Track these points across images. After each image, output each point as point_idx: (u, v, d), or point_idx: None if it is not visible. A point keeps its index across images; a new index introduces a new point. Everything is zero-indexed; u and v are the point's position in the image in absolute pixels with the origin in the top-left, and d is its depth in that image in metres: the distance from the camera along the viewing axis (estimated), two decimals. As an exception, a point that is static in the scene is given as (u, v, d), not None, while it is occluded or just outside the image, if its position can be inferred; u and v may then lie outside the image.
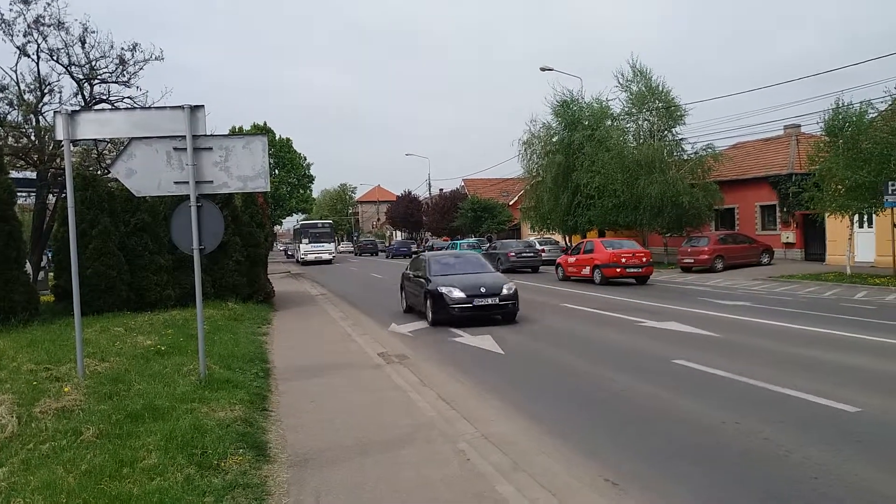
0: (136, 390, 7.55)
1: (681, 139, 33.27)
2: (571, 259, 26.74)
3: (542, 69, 36.46)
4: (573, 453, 6.12)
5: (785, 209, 31.90)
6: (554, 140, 36.97)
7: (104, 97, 20.04)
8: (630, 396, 8.04)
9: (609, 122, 34.46)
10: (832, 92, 48.93)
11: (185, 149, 8.10)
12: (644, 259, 24.38)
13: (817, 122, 22.79)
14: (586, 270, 25.23)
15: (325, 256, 52.34)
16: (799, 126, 34.33)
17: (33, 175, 19.62)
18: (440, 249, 39.47)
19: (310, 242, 52.92)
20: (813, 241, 30.81)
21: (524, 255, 33.47)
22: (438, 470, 5.52)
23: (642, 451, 6.12)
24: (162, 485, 4.75)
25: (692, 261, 28.77)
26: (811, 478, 5.27)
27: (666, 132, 33.00)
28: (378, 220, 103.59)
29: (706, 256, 28.38)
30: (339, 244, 71.14)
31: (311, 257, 51.70)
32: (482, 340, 12.37)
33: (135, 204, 16.14)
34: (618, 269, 24.03)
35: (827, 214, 23.78)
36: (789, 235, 32.06)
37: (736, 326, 13.22)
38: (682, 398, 7.81)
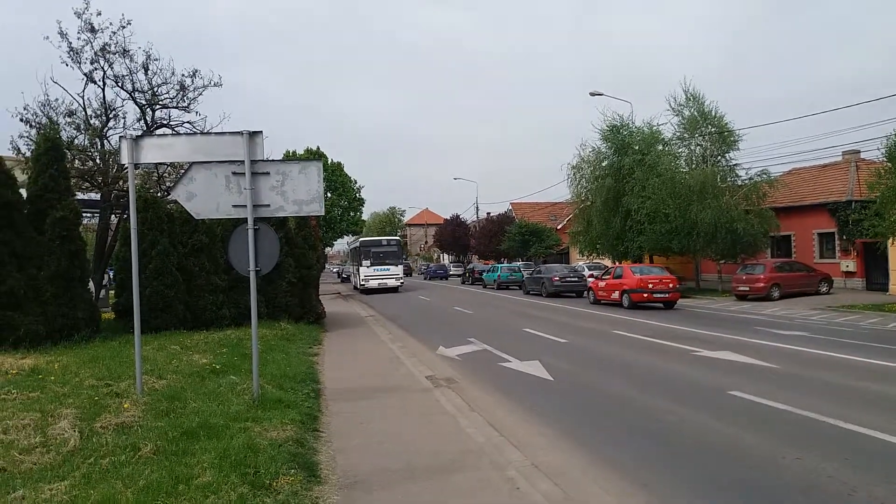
0: (192, 408, 7.72)
1: (734, 164, 32.61)
2: (602, 284, 27.83)
3: (592, 94, 36.35)
4: (626, 485, 6.00)
5: (844, 237, 30.89)
6: (604, 164, 36.68)
7: (165, 122, 20.82)
8: (684, 428, 7.85)
9: (660, 147, 34.06)
10: (893, 118, 47.46)
11: (244, 173, 8.33)
12: (670, 285, 25.47)
13: (878, 148, 22.16)
14: (615, 295, 26.35)
15: (392, 283, 42.39)
16: (858, 152, 33.35)
17: (97, 196, 20.43)
18: (480, 272, 51.55)
19: (371, 265, 42.68)
20: (875, 270, 29.72)
21: (568, 279, 34.23)
22: (488, 498, 5.49)
23: (698, 485, 5.96)
24: (216, 502, 4.83)
25: (747, 289, 28.03)
26: (877, 519, 5.06)
27: (719, 157, 32.42)
28: (426, 242, 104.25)
29: (762, 284, 27.62)
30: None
31: (373, 283, 41.97)
32: (530, 366, 12.27)
33: (193, 226, 16.61)
34: (645, 294, 25.20)
35: (889, 242, 22.97)
36: (849, 264, 31.00)
37: (794, 357, 12.81)
38: (739, 431, 7.59)
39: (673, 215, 30.26)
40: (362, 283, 42.76)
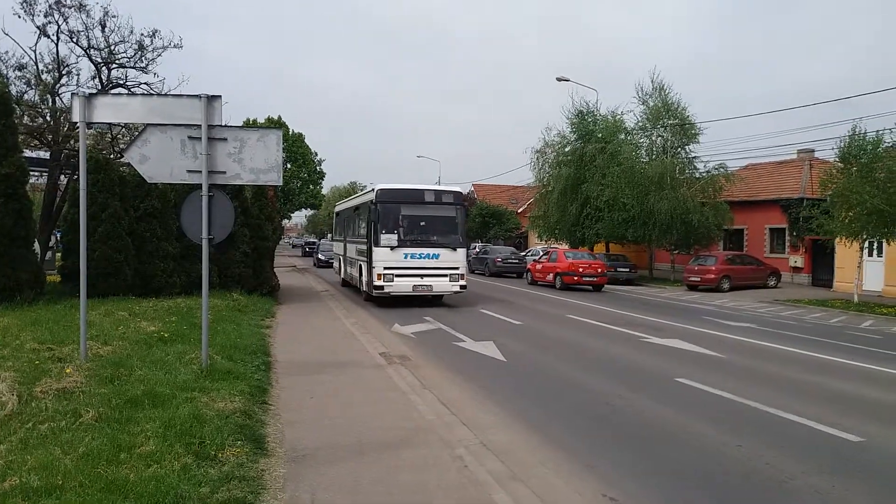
0: (138, 376, 7.54)
1: (693, 157, 33.14)
2: (538, 266, 30.20)
3: (559, 79, 36.40)
4: (572, 466, 6.07)
5: (794, 233, 31.75)
6: (566, 150, 36.91)
7: (121, 82, 20.17)
8: (631, 412, 7.98)
9: (622, 136, 34.38)
10: (848, 119, 48.78)
11: (200, 138, 8.11)
12: (599, 270, 28.18)
13: (832, 148, 22.84)
14: (549, 277, 28.89)
15: (441, 286, 19.42)
16: (812, 151, 34.21)
17: (46, 155, 19.75)
18: None
19: (400, 244, 18.94)
20: (821, 267, 30.65)
21: (509, 261, 37.02)
22: (435, 475, 5.49)
23: (643, 469, 6.07)
24: (158, 472, 4.72)
25: (698, 279, 28.67)
26: (812, 506, 5.21)
27: (679, 149, 32.89)
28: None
29: (713, 276, 28.28)
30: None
31: (401, 284, 18.98)
32: (484, 347, 12.34)
33: (145, 190, 16.19)
34: (575, 277, 27.74)
35: (837, 241, 23.67)
36: (797, 260, 31.90)
37: (740, 348, 13.14)
38: (685, 417, 7.75)
39: (631, 204, 30.66)
40: (377, 280, 18.84)
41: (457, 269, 19.05)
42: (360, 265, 20.90)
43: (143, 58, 19.79)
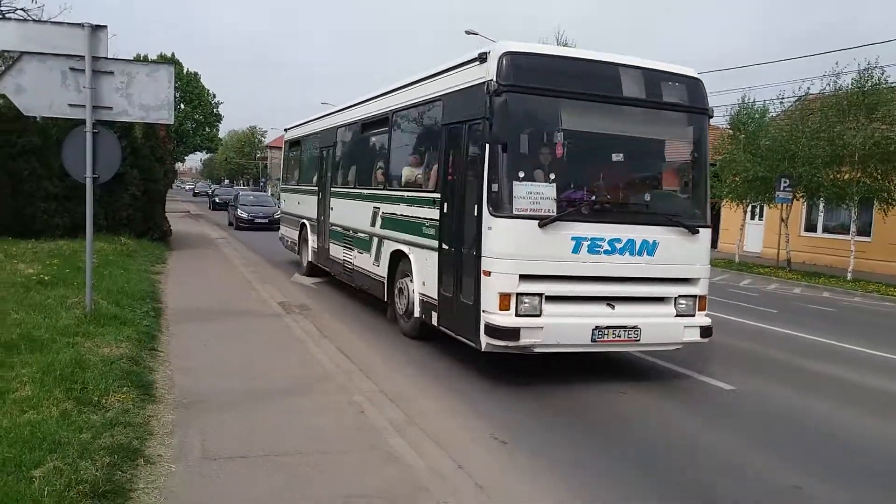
0: (14, 319, 7.06)
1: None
2: None
3: (468, 32, 36.14)
4: (468, 411, 6.25)
5: (683, 195, 33.23)
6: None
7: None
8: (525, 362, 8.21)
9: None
10: (738, 88, 51.21)
11: (84, 70, 7.54)
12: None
13: (723, 115, 23.90)
14: None
15: (665, 331, 7.17)
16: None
17: None
18: None
19: (566, 210, 6.66)
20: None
21: None
22: (332, 421, 5.50)
23: (526, 410, 6.35)
24: (35, 418, 4.48)
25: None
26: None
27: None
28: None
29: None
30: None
31: (566, 326, 6.64)
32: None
33: (22, 124, 14.96)
34: None
35: (723, 203, 25.03)
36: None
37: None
38: (575, 374, 8.03)
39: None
40: (497, 309, 6.51)
41: (691, 282, 7.32)
42: (408, 254, 8.70)
43: (18, -22, 18.11)
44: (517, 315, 6.45)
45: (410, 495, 4.28)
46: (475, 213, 6.77)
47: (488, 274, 6.56)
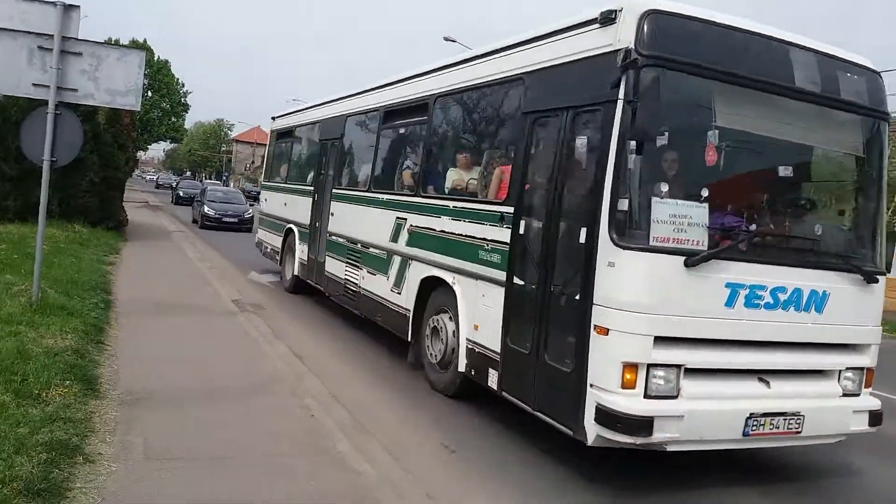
0: (-46, 304, 6.83)
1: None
2: None
3: (446, 39, 36.25)
4: (419, 418, 6.22)
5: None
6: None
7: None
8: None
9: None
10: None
11: (52, 49, 7.36)
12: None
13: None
14: None
15: (830, 421, 5.29)
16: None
17: None
18: None
19: (719, 242, 4.87)
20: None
21: None
22: (281, 423, 5.42)
23: (478, 418, 6.30)
24: (-31, 410, 4.32)
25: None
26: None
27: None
28: (252, 162, 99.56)
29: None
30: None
31: (711, 412, 4.73)
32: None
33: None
34: None
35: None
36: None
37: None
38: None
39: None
40: (616, 385, 4.57)
41: (860, 350, 5.44)
42: (452, 283, 6.67)
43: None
44: (647, 396, 4.55)
45: (357, 502, 4.23)
46: (582, 240, 4.81)
47: (605, 332, 4.59)
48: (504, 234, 5.79)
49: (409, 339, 7.49)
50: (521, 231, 5.59)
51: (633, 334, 4.52)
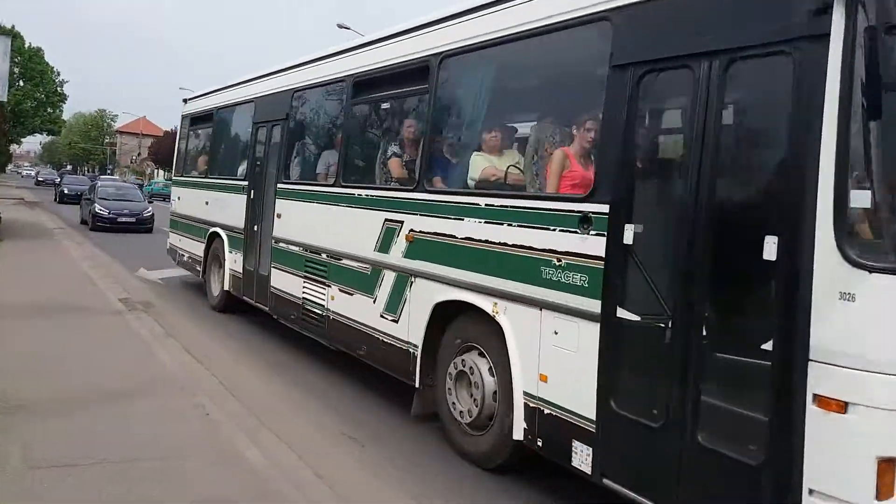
0: None
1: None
2: None
3: (340, 26, 35.78)
4: (318, 408, 6.18)
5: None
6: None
7: None
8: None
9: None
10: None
11: None
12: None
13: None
14: None
15: None
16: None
17: None
18: None
19: None
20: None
21: None
22: (175, 425, 5.23)
23: (378, 404, 6.35)
24: None
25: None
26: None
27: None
28: (139, 154, 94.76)
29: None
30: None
31: None
32: (239, 295, 11.91)
33: None
34: None
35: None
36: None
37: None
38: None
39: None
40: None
41: None
42: (494, 314, 4.75)
43: None
44: None
45: (259, 499, 4.15)
46: (772, 256, 3.13)
47: (840, 407, 2.91)
48: (591, 245, 4.02)
49: (417, 384, 5.60)
50: (629, 240, 3.82)
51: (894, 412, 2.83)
